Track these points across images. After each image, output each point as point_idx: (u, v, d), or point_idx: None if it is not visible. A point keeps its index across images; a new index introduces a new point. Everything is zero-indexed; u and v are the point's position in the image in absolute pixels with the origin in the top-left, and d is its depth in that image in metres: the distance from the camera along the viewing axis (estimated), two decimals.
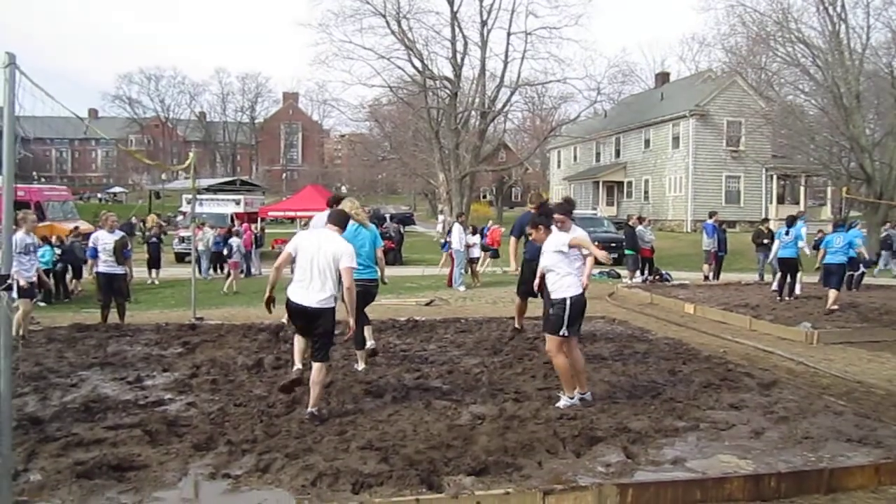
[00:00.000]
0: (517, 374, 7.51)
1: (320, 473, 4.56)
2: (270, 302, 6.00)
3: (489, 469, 4.68)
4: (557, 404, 6.24)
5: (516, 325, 9.94)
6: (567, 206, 7.59)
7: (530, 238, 6.71)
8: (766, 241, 17.99)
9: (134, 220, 33.27)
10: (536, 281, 6.92)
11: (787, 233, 14.28)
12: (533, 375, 7.46)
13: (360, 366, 7.67)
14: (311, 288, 5.82)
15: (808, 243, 15.09)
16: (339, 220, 6.25)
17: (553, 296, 6.31)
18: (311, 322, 5.90)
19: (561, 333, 6.23)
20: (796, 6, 29.10)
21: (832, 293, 12.81)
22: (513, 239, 9.82)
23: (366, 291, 7.61)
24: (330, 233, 6.08)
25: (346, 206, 7.79)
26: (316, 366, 5.89)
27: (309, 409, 5.82)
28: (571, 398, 6.28)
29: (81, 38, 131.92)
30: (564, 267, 6.29)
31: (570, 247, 6.29)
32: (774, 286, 15.34)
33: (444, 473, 4.60)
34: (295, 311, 5.93)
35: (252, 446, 5.12)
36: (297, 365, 6.05)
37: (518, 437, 5.31)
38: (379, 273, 7.94)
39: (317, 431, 5.45)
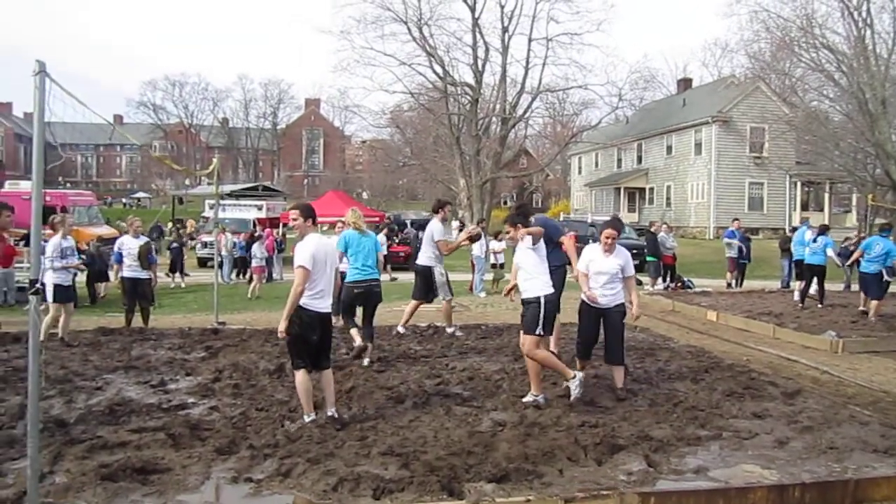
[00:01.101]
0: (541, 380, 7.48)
1: (341, 479, 4.58)
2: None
3: (510, 476, 4.68)
4: (525, 399, 6.49)
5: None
6: (518, 213, 6.99)
7: (507, 237, 6.71)
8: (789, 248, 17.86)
9: (159, 224, 33.55)
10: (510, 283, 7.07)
11: (815, 240, 14.18)
12: (554, 382, 7.41)
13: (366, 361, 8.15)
14: (329, 295, 6.02)
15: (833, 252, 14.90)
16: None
17: (525, 295, 6.47)
18: (329, 329, 6.10)
19: (537, 332, 6.36)
20: (821, 11, 28.91)
21: (873, 303, 12.76)
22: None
23: (369, 291, 8.39)
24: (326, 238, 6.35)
25: (349, 216, 8.75)
26: (329, 372, 6.08)
27: (330, 412, 5.90)
28: (537, 396, 6.47)
29: (108, 45, 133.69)
30: (532, 267, 6.43)
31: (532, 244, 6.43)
32: (797, 296, 15.24)
33: (465, 480, 4.60)
34: (324, 319, 6.00)
35: (274, 451, 5.15)
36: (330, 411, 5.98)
37: (539, 444, 5.29)
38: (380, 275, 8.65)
39: (338, 437, 5.47)
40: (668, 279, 18.85)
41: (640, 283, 19.87)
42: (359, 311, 8.56)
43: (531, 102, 36.88)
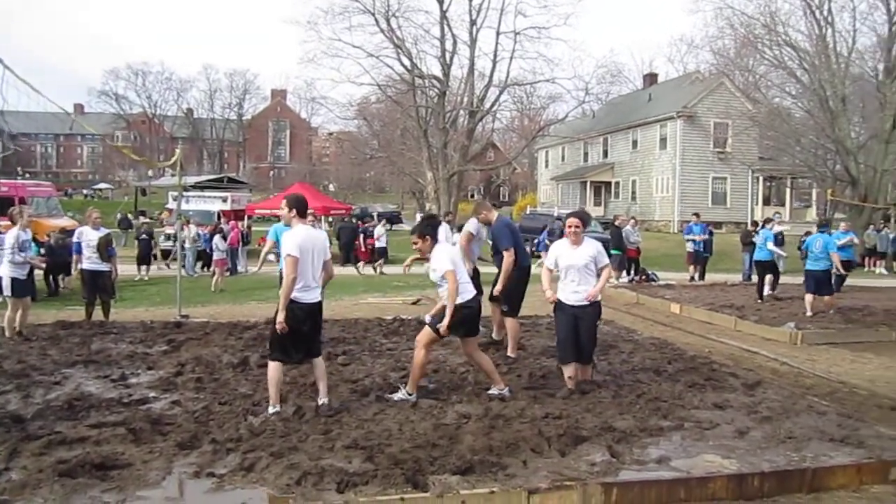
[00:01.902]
0: (503, 374, 7.47)
1: (305, 472, 4.55)
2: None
3: (474, 468, 4.68)
4: (394, 395, 6.40)
5: (494, 336, 9.10)
6: (424, 224, 6.76)
7: (415, 248, 6.53)
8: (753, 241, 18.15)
9: (120, 214, 32.99)
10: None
11: (756, 233, 14.50)
12: (519, 375, 7.47)
13: None
14: (317, 286, 6.07)
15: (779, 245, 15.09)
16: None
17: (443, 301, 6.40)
18: (318, 318, 6.14)
19: (437, 327, 6.26)
20: (784, 10, 29.49)
21: (825, 298, 12.79)
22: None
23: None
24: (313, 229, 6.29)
25: (283, 210, 8.66)
26: (321, 359, 6.16)
27: (322, 400, 5.99)
28: (411, 395, 6.35)
29: (69, 33, 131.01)
30: (445, 281, 6.30)
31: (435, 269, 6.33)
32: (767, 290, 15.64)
33: (430, 472, 4.59)
34: (313, 310, 6.02)
35: (237, 445, 5.10)
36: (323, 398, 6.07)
37: (503, 436, 5.31)
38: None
39: (302, 430, 5.44)
40: (632, 272, 19.06)
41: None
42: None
43: (499, 96, 36.90)
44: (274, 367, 5.90)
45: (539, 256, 18.31)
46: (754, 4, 29.19)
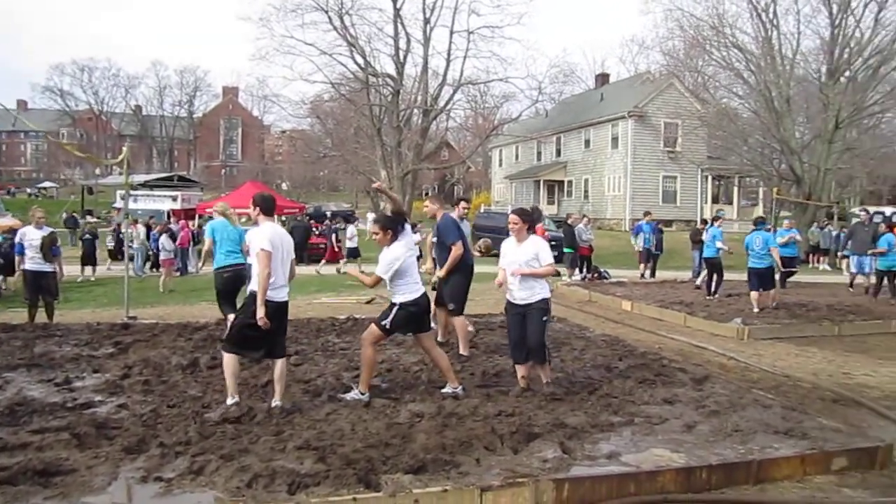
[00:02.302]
0: (456, 372, 7.50)
1: (256, 474, 4.48)
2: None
3: (427, 467, 4.68)
4: (347, 395, 6.35)
5: (439, 339, 8.75)
6: (390, 219, 6.70)
7: (374, 239, 6.52)
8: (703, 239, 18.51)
9: (66, 213, 32.20)
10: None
11: (706, 231, 14.83)
12: (472, 373, 7.49)
13: None
14: (285, 284, 6.08)
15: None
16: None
17: (392, 298, 6.44)
18: (285, 319, 6.14)
19: (382, 324, 6.33)
20: (731, 12, 30.05)
21: (770, 293, 13.07)
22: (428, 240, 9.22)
23: (237, 275, 8.99)
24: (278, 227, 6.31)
25: (218, 207, 9.52)
26: (282, 361, 6.13)
27: (276, 403, 5.93)
28: (364, 394, 6.31)
29: (9, 26, 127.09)
30: (393, 276, 6.34)
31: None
32: (699, 282, 16.25)
33: (382, 472, 4.57)
34: (281, 308, 6.01)
35: (185, 448, 5.00)
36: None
37: (456, 434, 5.31)
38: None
39: (253, 432, 5.37)
40: (584, 270, 19.27)
41: (558, 273, 20.32)
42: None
43: (453, 95, 36.88)
44: (230, 359, 5.92)
45: None
46: (703, 6, 29.72)
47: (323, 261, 22.58)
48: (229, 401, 5.87)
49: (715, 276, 14.91)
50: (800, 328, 11.45)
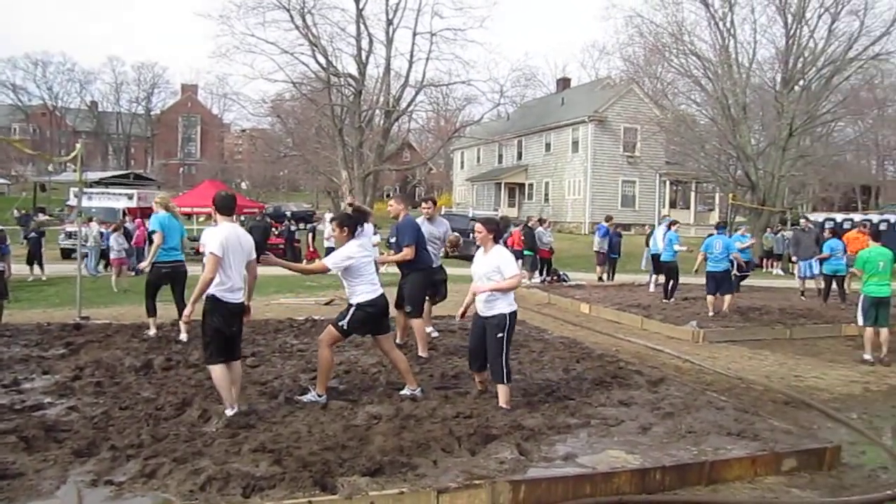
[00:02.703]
0: (414, 374, 7.50)
1: (210, 477, 4.42)
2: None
3: (384, 469, 4.66)
4: (304, 397, 6.30)
5: (397, 340, 8.58)
6: (353, 216, 6.75)
7: (333, 237, 6.45)
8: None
9: (17, 211, 31.43)
10: None
11: (662, 237, 14.99)
12: (431, 374, 7.49)
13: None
14: (240, 286, 5.95)
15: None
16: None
17: (350, 299, 6.38)
18: (241, 321, 6.04)
19: (339, 325, 6.28)
20: (690, 20, 30.57)
21: (726, 298, 13.12)
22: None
23: (176, 271, 9.39)
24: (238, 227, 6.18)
25: (161, 200, 9.65)
26: (239, 362, 6.11)
27: (237, 408, 5.78)
28: (321, 396, 6.27)
29: None
30: (351, 278, 6.30)
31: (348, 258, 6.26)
32: (651, 287, 16.55)
33: (339, 474, 4.54)
34: (239, 311, 5.93)
35: (137, 451, 4.91)
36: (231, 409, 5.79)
37: (414, 436, 5.30)
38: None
39: (207, 434, 5.29)
40: (544, 273, 19.40)
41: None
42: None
43: (415, 96, 36.83)
44: (218, 371, 5.73)
45: None
46: (662, 14, 30.15)
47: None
48: (229, 412, 5.67)
49: (671, 280, 15.12)
50: (753, 331, 11.67)
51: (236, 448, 4.99)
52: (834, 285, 15.29)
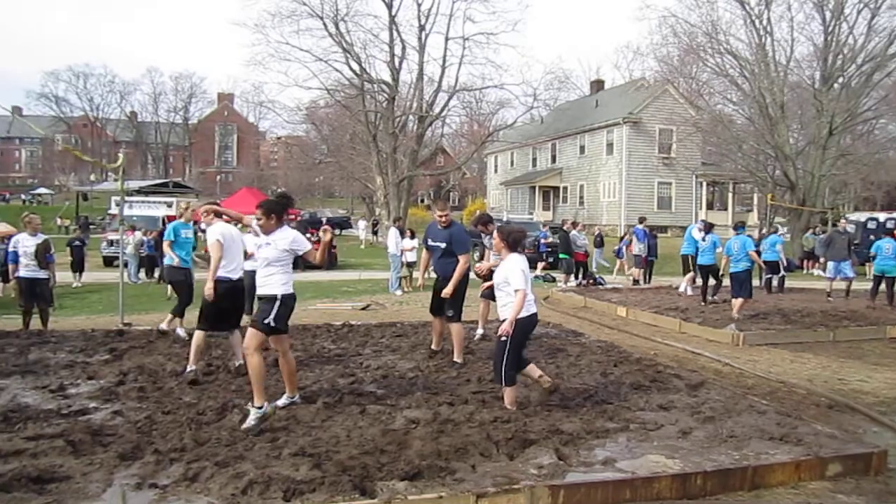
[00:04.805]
0: (452, 378, 7.53)
1: (251, 481, 4.47)
2: None
3: (422, 473, 4.67)
4: (246, 424, 5.61)
5: (433, 347, 8.91)
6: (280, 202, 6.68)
7: (259, 224, 6.21)
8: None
9: (59, 220, 32.15)
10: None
11: (703, 239, 14.68)
12: (468, 379, 7.49)
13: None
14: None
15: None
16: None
17: (264, 291, 6.04)
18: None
19: (265, 323, 5.91)
20: (725, 19, 30.21)
21: (737, 301, 12.60)
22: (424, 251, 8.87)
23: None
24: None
25: (182, 206, 10.34)
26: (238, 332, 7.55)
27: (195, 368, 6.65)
28: (260, 408, 5.71)
29: (5, 32, 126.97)
30: (277, 265, 5.99)
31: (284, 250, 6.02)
32: (681, 288, 16.42)
33: (378, 479, 4.57)
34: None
35: (180, 455, 4.99)
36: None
37: (452, 440, 5.31)
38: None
39: (248, 439, 5.35)
40: (579, 276, 19.29)
41: (553, 279, 20.39)
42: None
43: (448, 101, 37.02)
44: (199, 335, 7.56)
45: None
46: (697, 13, 29.85)
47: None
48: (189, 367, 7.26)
49: (712, 282, 14.92)
50: (795, 334, 11.47)
51: (276, 452, 5.05)
52: (883, 286, 14.97)
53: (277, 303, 5.96)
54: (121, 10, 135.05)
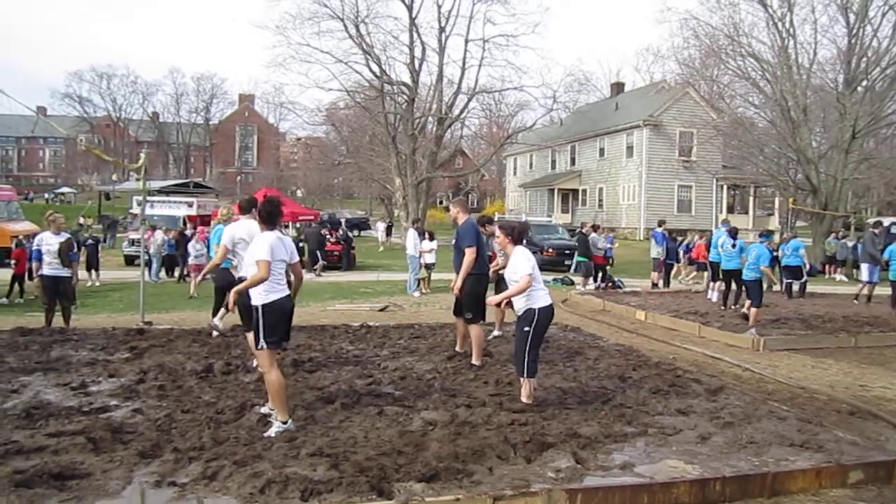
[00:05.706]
0: (469, 380, 7.53)
1: (269, 481, 4.50)
2: None
3: (440, 475, 4.68)
4: (268, 433, 5.50)
5: (457, 349, 8.93)
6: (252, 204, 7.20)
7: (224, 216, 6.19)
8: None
9: (82, 220, 32.46)
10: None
11: (733, 245, 14.45)
12: (485, 381, 7.48)
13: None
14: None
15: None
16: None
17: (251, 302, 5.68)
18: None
19: (259, 347, 5.61)
20: (747, 21, 29.86)
21: (753, 310, 12.10)
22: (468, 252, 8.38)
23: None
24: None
25: (222, 211, 9.88)
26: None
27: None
28: (285, 422, 5.59)
29: (30, 34, 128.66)
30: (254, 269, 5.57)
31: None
32: (709, 294, 16.19)
33: (395, 480, 4.58)
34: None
35: (199, 453, 5.03)
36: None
37: (469, 443, 5.31)
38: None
39: (266, 438, 5.38)
40: (598, 279, 19.21)
41: (571, 282, 20.31)
42: None
43: (467, 103, 37.00)
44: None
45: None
46: (718, 16, 29.61)
47: None
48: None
49: (737, 289, 14.75)
50: (816, 339, 11.35)
51: (294, 452, 5.07)
52: None
53: (258, 315, 5.57)
54: (145, 11, 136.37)
